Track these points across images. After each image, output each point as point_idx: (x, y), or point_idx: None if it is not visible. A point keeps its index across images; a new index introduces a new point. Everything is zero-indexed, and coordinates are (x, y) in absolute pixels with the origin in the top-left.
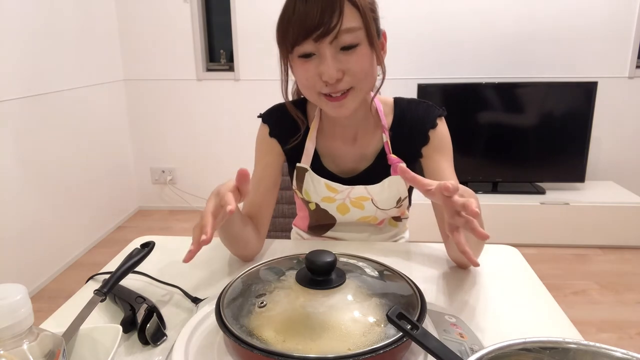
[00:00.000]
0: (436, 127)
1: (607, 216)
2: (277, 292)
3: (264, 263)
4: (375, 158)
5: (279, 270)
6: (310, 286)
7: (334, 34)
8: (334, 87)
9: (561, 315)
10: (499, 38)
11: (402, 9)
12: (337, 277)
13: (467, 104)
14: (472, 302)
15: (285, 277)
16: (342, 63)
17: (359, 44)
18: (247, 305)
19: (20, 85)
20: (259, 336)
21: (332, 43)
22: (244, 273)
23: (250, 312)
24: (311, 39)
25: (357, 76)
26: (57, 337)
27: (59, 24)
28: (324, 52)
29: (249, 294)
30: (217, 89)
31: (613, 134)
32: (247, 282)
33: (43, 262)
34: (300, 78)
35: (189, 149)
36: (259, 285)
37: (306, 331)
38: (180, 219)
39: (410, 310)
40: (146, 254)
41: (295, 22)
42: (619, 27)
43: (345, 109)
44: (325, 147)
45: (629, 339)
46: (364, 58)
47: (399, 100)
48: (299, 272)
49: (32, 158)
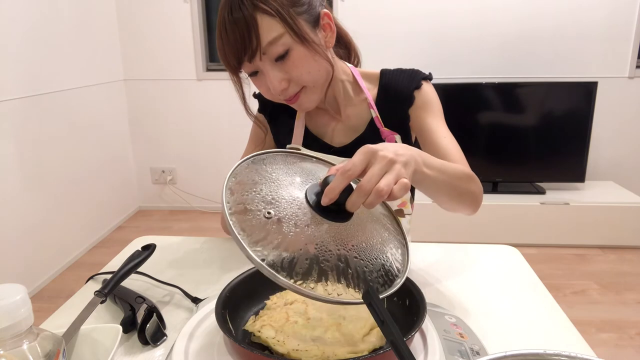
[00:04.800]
0: (421, 87)
1: (607, 216)
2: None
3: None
4: (365, 129)
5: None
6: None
7: (259, 52)
8: (285, 94)
9: (561, 316)
10: (499, 38)
11: (402, 9)
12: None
13: (467, 104)
14: (472, 302)
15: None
16: (282, 73)
17: (289, 49)
18: (255, 213)
19: (20, 85)
20: (259, 336)
21: (263, 59)
22: (244, 273)
23: (257, 222)
24: (244, 61)
25: (301, 79)
26: (57, 337)
27: (59, 24)
28: (262, 68)
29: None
30: (217, 89)
31: (613, 134)
32: (247, 282)
33: (43, 262)
34: (259, 90)
35: (189, 149)
36: (272, 185)
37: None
38: (180, 219)
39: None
40: (147, 256)
41: (226, 51)
42: (619, 27)
43: (305, 106)
44: (314, 125)
45: (629, 339)
46: (300, 60)
47: (385, 71)
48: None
49: (32, 158)
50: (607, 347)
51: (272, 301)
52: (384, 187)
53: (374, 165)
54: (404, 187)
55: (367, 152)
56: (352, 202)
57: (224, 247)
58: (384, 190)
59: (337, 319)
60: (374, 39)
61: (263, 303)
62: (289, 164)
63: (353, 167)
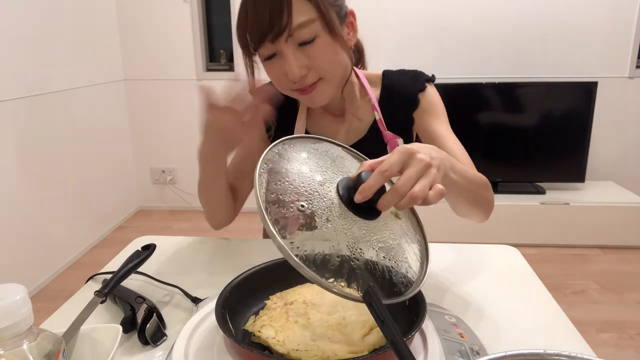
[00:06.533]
0: (425, 90)
1: (607, 216)
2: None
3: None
4: (367, 131)
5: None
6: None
7: (286, 33)
8: (302, 83)
9: (561, 316)
10: (499, 38)
11: (402, 9)
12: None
13: (467, 104)
14: (472, 302)
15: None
16: (304, 59)
17: (316, 36)
18: (288, 205)
19: (20, 85)
20: (259, 336)
21: (288, 41)
22: (244, 273)
23: (290, 214)
24: (267, 41)
25: (322, 68)
26: (57, 337)
27: (59, 24)
28: (283, 51)
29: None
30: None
31: (613, 134)
32: (247, 282)
33: (43, 262)
34: (271, 78)
35: (189, 149)
36: (303, 180)
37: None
38: (180, 219)
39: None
40: (147, 256)
41: (249, 27)
42: (619, 27)
43: (318, 100)
44: (316, 126)
45: (629, 339)
46: (325, 49)
47: (388, 72)
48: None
49: (32, 158)
50: (607, 347)
51: (272, 301)
52: (419, 192)
53: (410, 167)
54: (439, 193)
55: (404, 152)
56: (385, 202)
57: (224, 247)
58: (419, 196)
59: (337, 319)
60: (374, 39)
61: (263, 303)
62: (318, 152)
63: (390, 167)
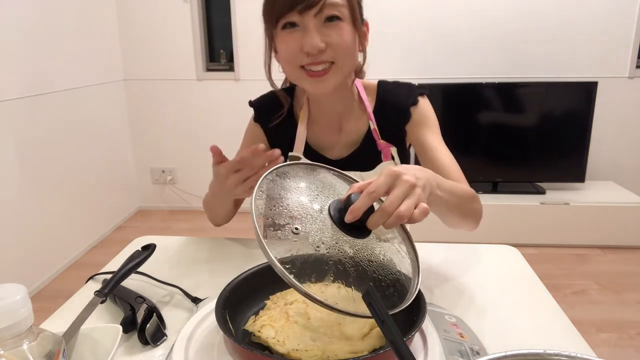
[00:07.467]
0: (417, 103)
1: (607, 216)
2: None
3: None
4: (361, 142)
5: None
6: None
7: (319, 6)
8: (316, 58)
9: (561, 316)
10: (499, 38)
11: (402, 9)
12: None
13: (467, 104)
14: (472, 302)
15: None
16: (325, 35)
17: (342, 18)
18: (283, 228)
19: (20, 85)
20: (259, 336)
21: (317, 16)
22: (244, 273)
23: (285, 237)
24: (296, 10)
25: (339, 50)
26: (57, 337)
27: (59, 24)
28: (308, 24)
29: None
30: (217, 89)
31: (613, 134)
32: (247, 282)
33: (43, 262)
34: (283, 51)
35: (189, 149)
36: (292, 202)
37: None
38: (180, 219)
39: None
40: (147, 256)
41: None
42: (619, 27)
43: (326, 85)
44: (312, 136)
45: (629, 339)
46: (346, 33)
47: (382, 82)
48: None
49: (32, 158)
50: (607, 347)
51: (272, 301)
52: (405, 211)
53: (396, 188)
54: (423, 212)
55: (391, 174)
56: (373, 221)
57: (224, 247)
58: (405, 215)
59: (337, 319)
60: (374, 39)
61: (263, 303)
62: (310, 177)
63: (377, 188)
